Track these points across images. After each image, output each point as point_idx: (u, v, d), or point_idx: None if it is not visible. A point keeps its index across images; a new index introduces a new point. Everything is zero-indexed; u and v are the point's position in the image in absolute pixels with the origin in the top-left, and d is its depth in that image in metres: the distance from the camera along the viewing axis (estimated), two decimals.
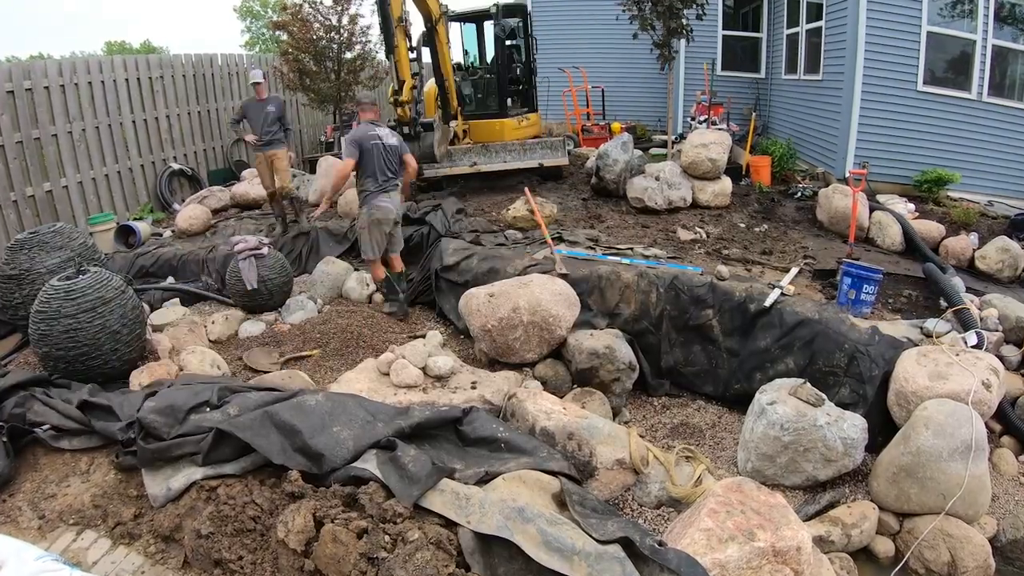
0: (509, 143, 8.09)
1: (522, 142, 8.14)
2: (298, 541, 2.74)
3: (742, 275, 5.53)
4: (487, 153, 7.97)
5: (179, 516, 3.09)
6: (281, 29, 10.81)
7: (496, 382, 4.31)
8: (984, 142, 7.81)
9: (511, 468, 3.20)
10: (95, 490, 3.35)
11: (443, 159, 7.74)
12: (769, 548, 2.76)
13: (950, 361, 4.09)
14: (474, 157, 7.94)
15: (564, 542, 2.68)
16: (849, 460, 3.87)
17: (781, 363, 4.81)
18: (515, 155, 7.97)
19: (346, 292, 6.27)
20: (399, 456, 3.08)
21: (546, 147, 8.06)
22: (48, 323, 4.02)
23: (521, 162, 7.94)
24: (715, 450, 4.49)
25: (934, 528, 3.61)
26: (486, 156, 7.95)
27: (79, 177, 7.97)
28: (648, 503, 3.63)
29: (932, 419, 3.72)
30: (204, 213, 7.93)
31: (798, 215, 7.41)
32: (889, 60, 7.62)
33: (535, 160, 7.95)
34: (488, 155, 7.96)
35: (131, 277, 6.29)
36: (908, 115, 7.76)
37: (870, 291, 5.05)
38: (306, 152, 12.34)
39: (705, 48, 11.34)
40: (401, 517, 2.79)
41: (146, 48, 29.91)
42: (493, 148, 7.98)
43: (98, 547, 3.09)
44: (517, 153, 7.98)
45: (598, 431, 3.72)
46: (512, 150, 7.99)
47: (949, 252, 6.38)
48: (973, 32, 7.54)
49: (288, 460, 3.15)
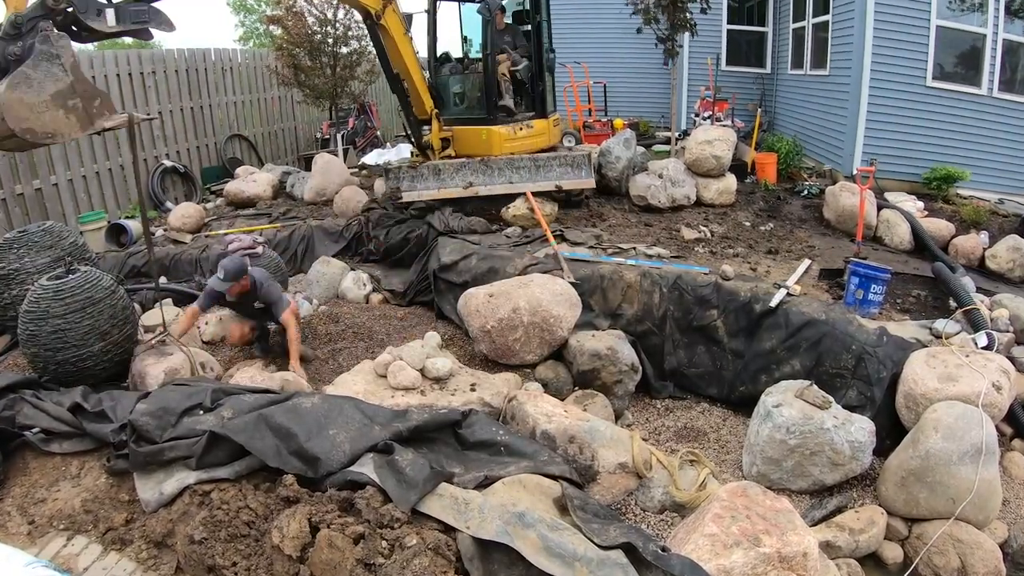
0: (516, 159, 6.74)
1: (533, 157, 6.80)
2: (293, 547, 2.74)
3: (747, 275, 5.53)
4: (487, 171, 6.68)
5: (171, 521, 3.09)
6: (275, 24, 10.80)
7: (496, 384, 4.31)
8: (994, 139, 7.81)
9: (511, 472, 3.20)
10: (86, 495, 3.34)
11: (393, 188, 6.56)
12: (775, 554, 2.76)
13: (960, 363, 4.09)
14: (469, 176, 6.62)
15: (565, 548, 2.67)
16: (857, 464, 3.87)
17: (787, 365, 4.81)
18: (525, 174, 6.68)
19: (342, 292, 6.27)
20: (396, 460, 3.08)
21: (565, 164, 6.79)
22: (37, 323, 4.01)
23: (532, 183, 6.68)
24: (720, 454, 4.49)
25: (943, 533, 3.61)
26: (486, 175, 6.66)
27: (69, 175, 7.96)
28: (651, 508, 3.63)
29: (941, 422, 3.71)
30: (198, 212, 7.93)
31: (804, 213, 7.41)
32: (897, 55, 7.62)
33: (551, 181, 6.70)
34: (489, 173, 6.66)
35: (122, 277, 6.28)
36: (917, 111, 7.77)
37: (878, 291, 5.05)
38: (301, 149, 12.34)
39: (709, 43, 11.33)
40: (399, 522, 2.79)
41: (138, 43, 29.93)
42: (495, 164, 6.68)
43: (89, 553, 3.08)
44: (528, 171, 6.69)
45: (600, 434, 3.72)
46: (521, 167, 6.70)
47: (959, 251, 6.39)
48: (983, 26, 7.54)
49: (284, 463, 3.15)
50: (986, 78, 7.65)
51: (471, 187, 6.62)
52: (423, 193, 6.67)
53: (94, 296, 4.14)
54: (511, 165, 6.70)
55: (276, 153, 12.03)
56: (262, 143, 11.71)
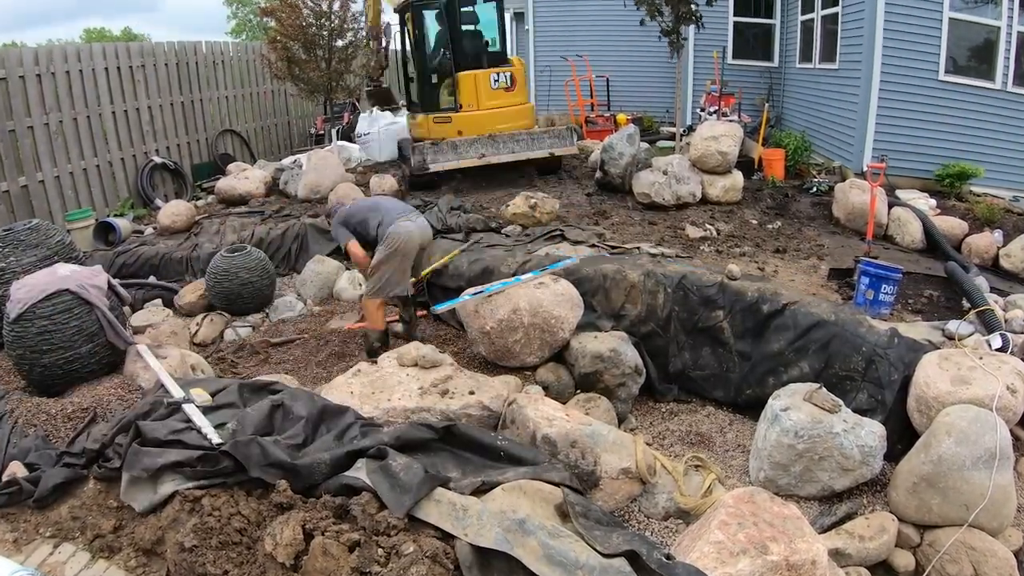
0: (516, 133, 8.17)
1: (529, 132, 8.28)
2: (287, 554, 2.74)
3: (754, 274, 5.53)
4: (494, 144, 8.03)
5: (161, 528, 3.09)
6: (269, 16, 10.80)
7: (495, 387, 4.30)
8: (1009, 134, 7.82)
9: (510, 477, 3.20)
10: (73, 501, 3.34)
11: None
12: (783, 562, 2.76)
13: (973, 365, 4.09)
14: (480, 148, 7.99)
15: (567, 556, 2.67)
16: (867, 469, 3.87)
17: (795, 367, 4.81)
18: (524, 144, 8.17)
19: (337, 292, 6.27)
20: (390, 464, 3.07)
21: (554, 136, 8.36)
22: (23, 324, 4.01)
23: (530, 152, 8.16)
24: (726, 459, 4.49)
25: (956, 541, 3.60)
26: (493, 147, 8.03)
27: (56, 171, 7.96)
28: (655, 514, 3.63)
29: (954, 426, 3.71)
30: (188, 210, 7.93)
31: (813, 211, 7.42)
32: (909, 48, 7.63)
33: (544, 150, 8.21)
34: (495, 146, 8.04)
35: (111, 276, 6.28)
36: (929, 106, 7.77)
37: (889, 291, 5.05)
38: (295, 145, 12.34)
39: (715, 35, 11.34)
40: (395, 529, 2.79)
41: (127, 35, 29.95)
42: (500, 139, 8.06)
43: (76, 561, 3.08)
44: (526, 143, 8.18)
45: (602, 439, 3.72)
46: (520, 139, 8.15)
47: (972, 250, 6.39)
48: (997, 18, 7.55)
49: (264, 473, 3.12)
50: (1000, 72, 7.65)
51: (483, 157, 7.97)
52: (445, 164, 7.95)
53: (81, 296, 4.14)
54: (513, 139, 8.15)
55: (269, 149, 12.04)
56: (255, 139, 11.72)
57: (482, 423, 3.92)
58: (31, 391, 4.20)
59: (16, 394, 4.14)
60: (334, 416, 3.57)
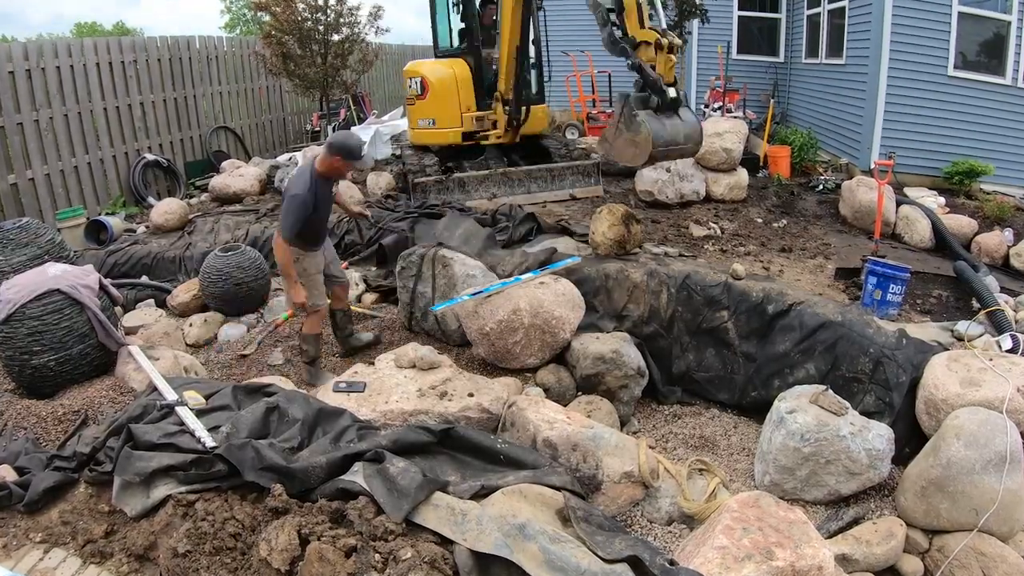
0: (533, 169, 7.54)
1: (548, 167, 7.60)
2: (282, 560, 2.74)
3: (759, 274, 5.54)
4: (508, 182, 7.43)
5: (154, 534, 3.09)
6: (263, 10, 10.81)
7: (495, 389, 4.30)
8: (1020, 131, 7.83)
9: (510, 481, 3.20)
10: (63, 505, 3.34)
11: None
12: (788, 568, 2.76)
13: (983, 366, 4.09)
14: (492, 187, 7.38)
15: (568, 561, 2.67)
16: (874, 473, 3.87)
17: (801, 368, 4.81)
18: (542, 184, 7.48)
19: None
20: (387, 468, 3.08)
21: (577, 172, 7.65)
22: (12, 325, 4.01)
23: (548, 193, 7.48)
24: (730, 462, 4.49)
25: (966, 546, 3.60)
26: (507, 186, 7.41)
27: (47, 169, 7.97)
28: (658, 519, 3.63)
29: (964, 429, 3.71)
30: (181, 208, 7.94)
31: (819, 209, 7.42)
32: (917, 43, 7.63)
33: (564, 190, 7.51)
34: (509, 184, 7.42)
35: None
36: (938, 102, 7.77)
37: (897, 291, 5.05)
38: (290, 142, 12.35)
39: (720, 30, 11.34)
40: (393, 534, 2.79)
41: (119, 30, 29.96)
42: (515, 176, 7.47)
43: (67, 566, 3.08)
44: (544, 181, 7.50)
45: (605, 442, 3.72)
46: (538, 177, 7.51)
47: (982, 249, 6.39)
48: (1008, 13, 7.55)
49: (259, 477, 3.13)
50: (1011, 67, 7.65)
51: (494, 198, 7.24)
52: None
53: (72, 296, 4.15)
54: (529, 176, 7.47)
55: (264, 146, 12.04)
56: (249, 135, 11.72)
57: (481, 426, 3.92)
58: (21, 393, 4.20)
59: (6, 396, 4.15)
60: (330, 419, 3.57)
